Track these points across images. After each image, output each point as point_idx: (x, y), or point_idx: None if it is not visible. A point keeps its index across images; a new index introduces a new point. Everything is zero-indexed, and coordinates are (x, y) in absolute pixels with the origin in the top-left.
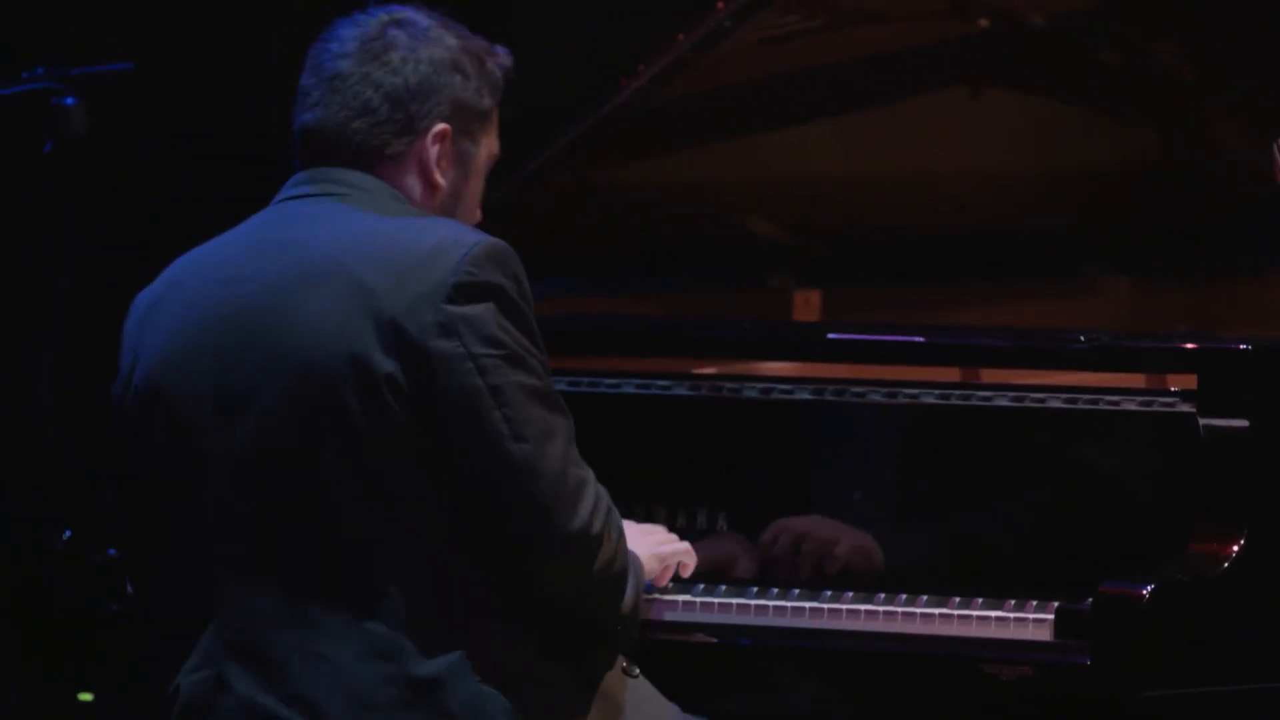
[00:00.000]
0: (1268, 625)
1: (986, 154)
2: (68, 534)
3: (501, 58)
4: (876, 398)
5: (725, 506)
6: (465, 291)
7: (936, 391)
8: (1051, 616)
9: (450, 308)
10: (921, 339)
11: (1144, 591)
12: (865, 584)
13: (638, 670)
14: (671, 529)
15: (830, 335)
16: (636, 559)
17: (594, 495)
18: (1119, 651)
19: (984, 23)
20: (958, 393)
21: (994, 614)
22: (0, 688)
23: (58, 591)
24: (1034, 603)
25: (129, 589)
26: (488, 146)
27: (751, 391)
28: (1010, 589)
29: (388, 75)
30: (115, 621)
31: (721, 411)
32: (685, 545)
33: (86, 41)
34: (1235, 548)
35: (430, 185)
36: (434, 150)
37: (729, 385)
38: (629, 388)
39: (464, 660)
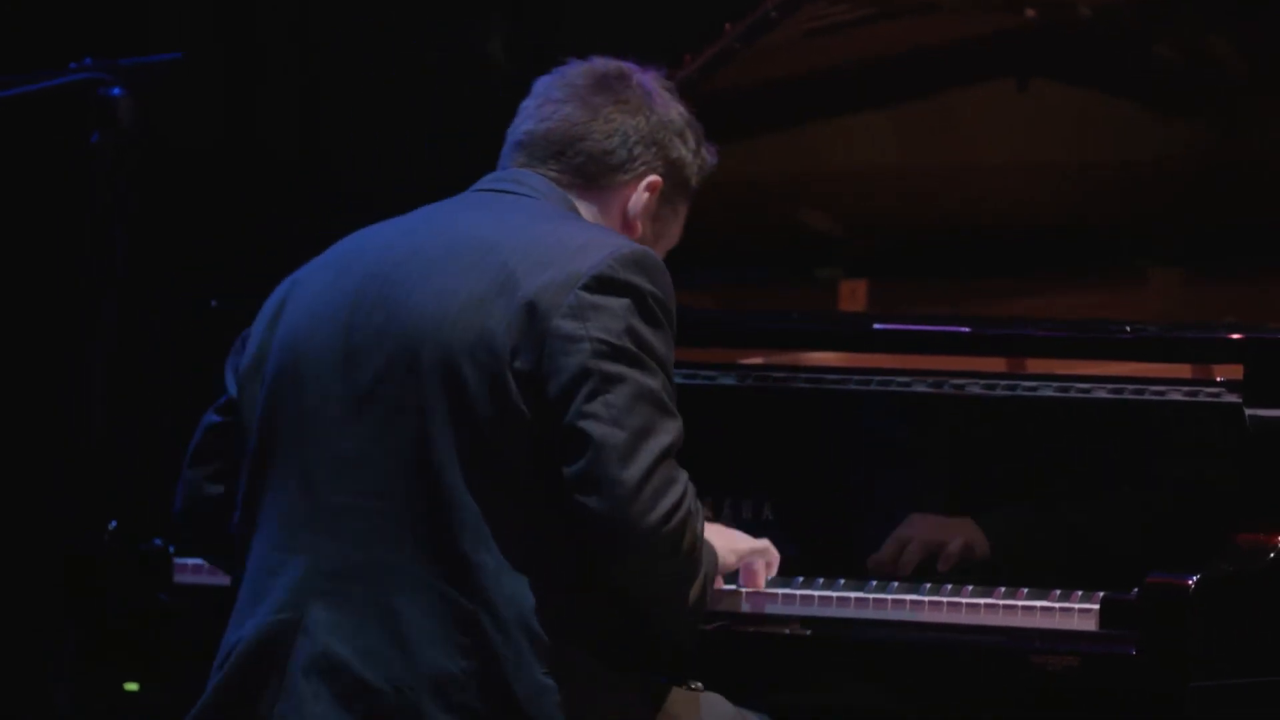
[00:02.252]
0: None
1: (1035, 146)
2: (114, 524)
3: (712, 155)
4: (922, 388)
5: (771, 496)
6: (604, 284)
7: (982, 382)
8: (1097, 607)
9: (584, 294)
10: (967, 329)
11: (1190, 582)
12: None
13: (700, 684)
14: (718, 519)
15: (877, 325)
16: (711, 555)
17: (678, 496)
18: (1165, 642)
19: (1032, 14)
20: (1003, 383)
21: (1040, 604)
22: (50, 678)
23: (105, 582)
24: (1079, 593)
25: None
26: (676, 227)
27: (798, 382)
28: (1056, 579)
29: (621, 113)
30: (162, 612)
31: (768, 401)
32: (765, 543)
33: (138, 38)
34: None
35: (629, 229)
36: (643, 198)
37: (775, 375)
38: (676, 378)
39: (534, 647)
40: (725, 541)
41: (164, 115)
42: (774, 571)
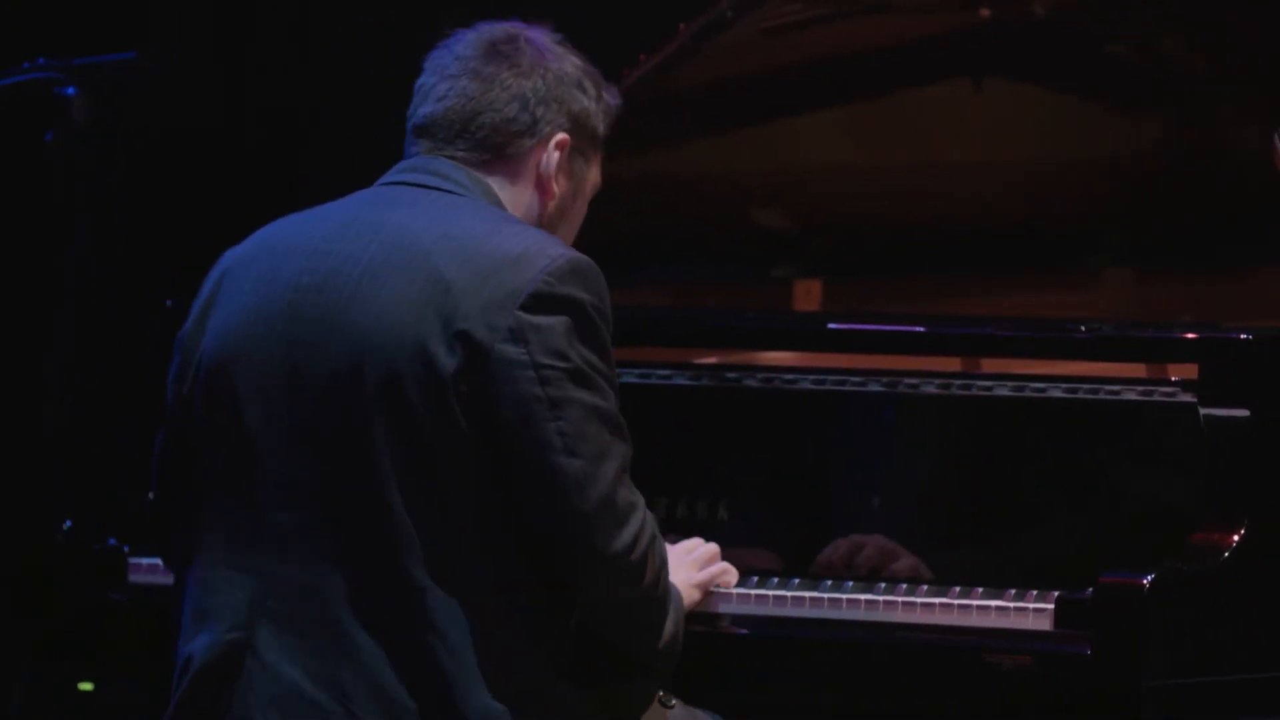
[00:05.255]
0: (1268, 615)
1: (991, 145)
2: (68, 524)
3: (615, 96)
4: (877, 387)
5: (726, 497)
6: (542, 301)
7: (937, 381)
8: (1052, 606)
9: (523, 314)
10: (922, 329)
11: (1144, 581)
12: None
13: (675, 701)
14: (671, 519)
15: (831, 325)
16: (678, 593)
17: (640, 522)
18: (1119, 641)
19: (987, 13)
20: (958, 382)
21: (994, 603)
22: (4, 678)
23: (59, 581)
24: (1034, 592)
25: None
26: (595, 174)
27: (752, 381)
28: (1011, 578)
29: (516, 77)
30: (116, 611)
31: (722, 401)
32: (722, 566)
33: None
34: (1236, 538)
35: (545, 192)
36: (554, 157)
37: (730, 375)
38: (630, 377)
39: (485, 669)
40: (683, 577)
41: (131, 112)
42: (730, 585)
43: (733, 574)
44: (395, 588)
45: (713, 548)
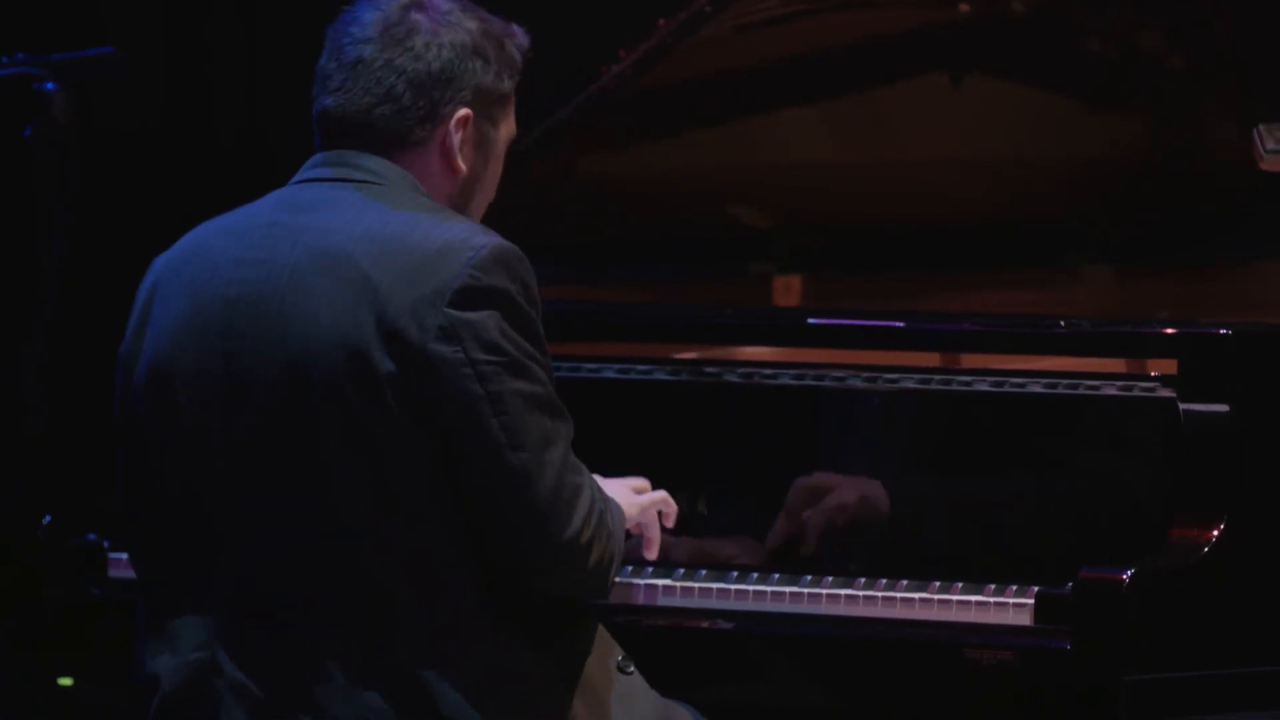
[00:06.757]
0: (1247, 610)
1: (970, 142)
2: (48, 519)
3: (519, 38)
4: (857, 383)
5: (705, 491)
6: (469, 296)
7: (917, 376)
8: (1031, 601)
9: (453, 311)
10: (901, 324)
11: (1124, 576)
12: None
13: (633, 667)
14: None
15: (811, 320)
16: (618, 512)
17: (588, 502)
18: (1099, 636)
19: (966, 9)
20: (938, 377)
21: (974, 598)
22: None
23: (38, 577)
24: (1014, 587)
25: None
26: (507, 129)
27: (732, 376)
28: (991, 574)
29: (411, 61)
30: (96, 606)
31: (702, 396)
32: (663, 494)
33: (79, 31)
34: (1215, 533)
35: (452, 169)
36: (457, 136)
37: (709, 370)
38: (609, 372)
39: (453, 663)
40: (624, 495)
41: (107, 107)
42: (671, 522)
43: (672, 505)
44: (356, 593)
45: (647, 485)
